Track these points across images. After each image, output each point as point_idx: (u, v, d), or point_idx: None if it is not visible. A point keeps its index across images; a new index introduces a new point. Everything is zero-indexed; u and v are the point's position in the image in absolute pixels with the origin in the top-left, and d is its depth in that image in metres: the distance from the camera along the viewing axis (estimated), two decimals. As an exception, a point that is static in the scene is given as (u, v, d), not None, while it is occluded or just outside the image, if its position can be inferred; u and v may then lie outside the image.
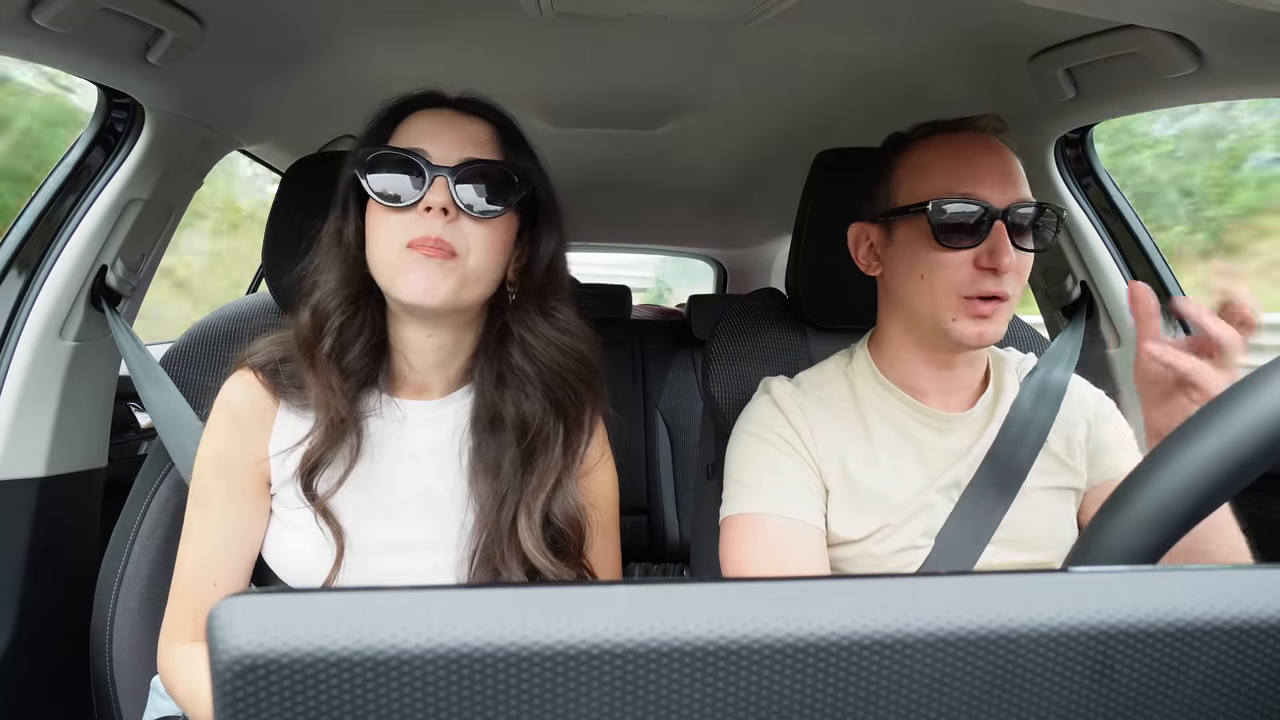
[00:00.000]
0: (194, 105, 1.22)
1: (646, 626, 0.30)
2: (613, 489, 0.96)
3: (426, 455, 0.87)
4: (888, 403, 0.96)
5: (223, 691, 0.28)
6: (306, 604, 0.29)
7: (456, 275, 0.79)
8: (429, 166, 0.79)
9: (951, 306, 0.88)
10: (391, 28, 1.24)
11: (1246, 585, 0.34)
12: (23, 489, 1.13)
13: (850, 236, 1.00)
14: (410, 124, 0.84)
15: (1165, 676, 0.33)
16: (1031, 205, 0.89)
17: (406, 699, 0.29)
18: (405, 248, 0.78)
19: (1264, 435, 0.42)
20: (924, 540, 0.91)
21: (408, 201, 0.78)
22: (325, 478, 0.84)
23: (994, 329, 0.88)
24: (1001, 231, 0.86)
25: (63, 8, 0.88)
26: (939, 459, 0.94)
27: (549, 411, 0.88)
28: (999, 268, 0.86)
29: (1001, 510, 0.91)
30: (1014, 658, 0.32)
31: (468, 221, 0.80)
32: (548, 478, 0.86)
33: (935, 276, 0.89)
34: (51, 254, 1.15)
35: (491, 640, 0.29)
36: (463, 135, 0.82)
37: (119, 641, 1.06)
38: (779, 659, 0.31)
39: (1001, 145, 0.93)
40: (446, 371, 0.88)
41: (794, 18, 1.07)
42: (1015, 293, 0.89)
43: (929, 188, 0.90)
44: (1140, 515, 0.43)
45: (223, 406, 0.87)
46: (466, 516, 0.86)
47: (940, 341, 0.92)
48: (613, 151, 1.99)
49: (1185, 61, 0.95)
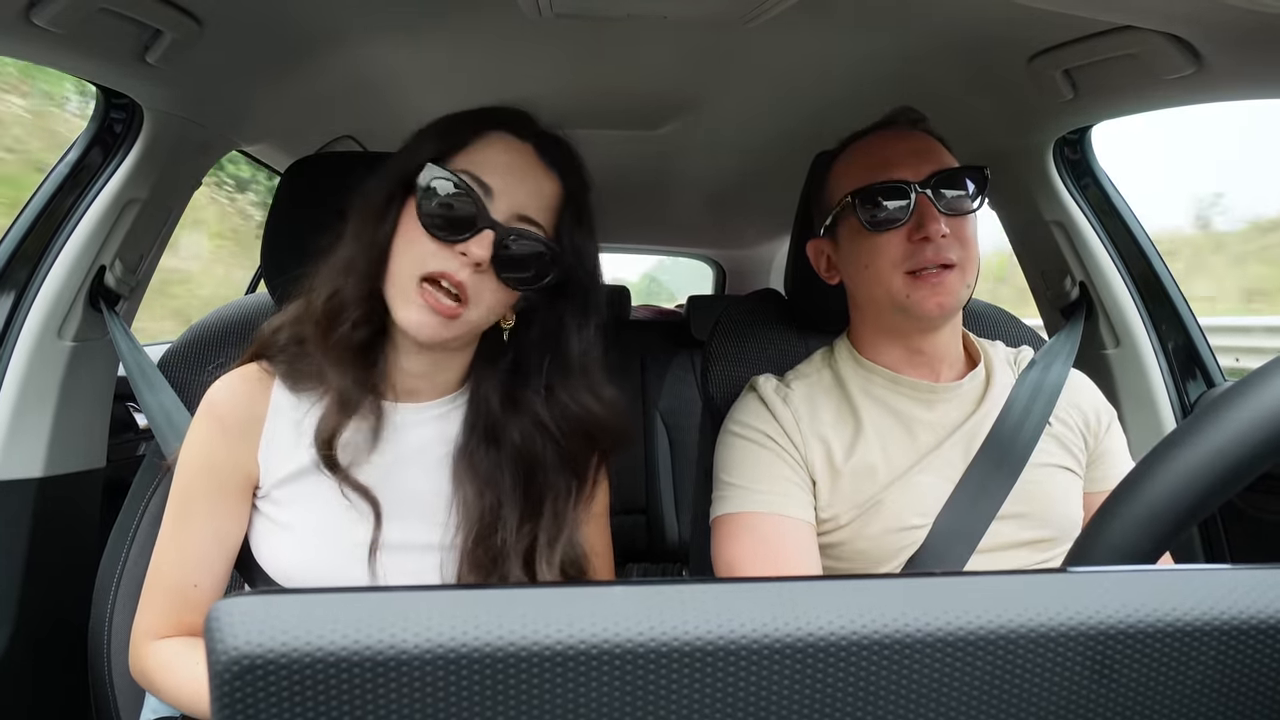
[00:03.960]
0: (192, 105, 1.22)
1: (645, 626, 0.30)
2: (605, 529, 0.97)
3: (414, 457, 0.87)
4: (870, 381, 0.99)
5: (221, 692, 0.28)
6: (305, 604, 0.29)
7: (458, 326, 0.79)
8: (484, 216, 0.78)
9: (900, 285, 0.91)
10: (391, 29, 1.24)
11: (1246, 585, 0.34)
12: (21, 489, 1.13)
13: (809, 255, 1.06)
14: (487, 147, 0.82)
15: (1164, 676, 0.33)
16: (950, 169, 0.93)
17: (405, 699, 0.29)
18: (421, 278, 0.78)
19: (1263, 435, 0.42)
20: (918, 520, 0.92)
21: (450, 238, 0.78)
22: (344, 451, 0.83)
23: (950, 299, 0.91)
24: (925, 202, 0.91)
25: (61, 8, 0.88)
26: (927, 433, 0.95)
27: (563, 469, 0.88)
28: (929, 235, 0.89)
29: (1004, 493, 0.92)
30: (1013, 657, 0.32)
31: (492, 277, 0.79)
32: (562, 532, 0.86)
33: (876, 261, 0.93)
34: (50, 254, 1.15)
35: (490, 640, 0.29)
36: (532, 189, 0.81)
37: (117, 642, 1.06)
38: (778, 659, 0.31)
39: (917, 131, 0.98)
40: (434, 379, 0.88)
41: (793, 19, 1.07)
42: (963, 259, 0.92)
43: (852, 184, 0.95)
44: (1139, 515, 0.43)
45: (208, 411, 0.86)
46: (451, 518, 0.86)
47: (905, 323, 0.95)
48: (612, 152, 1.99)
49: (1184, 63, 0.95)
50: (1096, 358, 1.40)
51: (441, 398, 0.89)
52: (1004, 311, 1.29)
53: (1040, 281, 1.47)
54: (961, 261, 0.91)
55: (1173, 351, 1.40)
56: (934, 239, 0.89)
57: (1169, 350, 1.40)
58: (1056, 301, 1.44)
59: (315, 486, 0.84)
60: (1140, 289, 1.39)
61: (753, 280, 3.32)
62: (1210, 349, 1.42)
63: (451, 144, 0.82)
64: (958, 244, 0.91)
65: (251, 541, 0.87)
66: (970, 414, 0.96)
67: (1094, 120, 1.28)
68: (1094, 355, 1.40)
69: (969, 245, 0.93)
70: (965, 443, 0.95)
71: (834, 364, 1.03)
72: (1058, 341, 1.12)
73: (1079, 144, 1.39)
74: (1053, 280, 1.44)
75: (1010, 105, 1.28)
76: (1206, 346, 1.41)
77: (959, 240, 0.91)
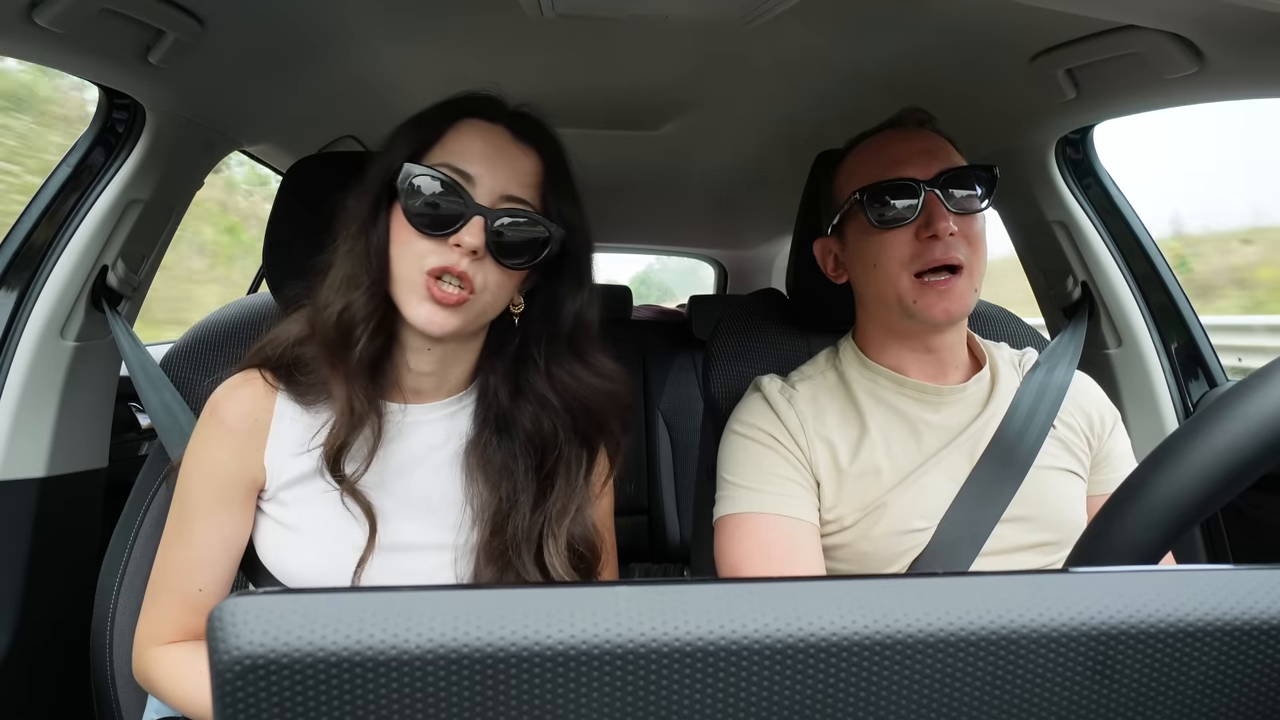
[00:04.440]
0: (195, 106, 1.22)
1: (647, 627, 0.30)
2: (610, 512, 0.97)
3: (425, 457, 0.87)
4: (876, 383, 0.98)
5: (224, 692, 0.28)
6: (307, 604, 0.29)
7: (469, 312, 0.80)
8: (470, 204, 0.78)
9: (908, 288, 0.91)
10: (392, 29, 1.24)
11: (1247, 586, 0.34)
12: (23, 489, 1.13)
13: (816, 254, 1.06)
14: (461, 135, 0.83)
15: (1166, 677, 0.33)
16: (958, 167, 0.92)
17: (407, 699, 0.29)
18: (426, 274, 0.78)
19: (1265, 435, 0.42)
20: (921, 523, 0.91)
21: (440, 232, 0.78)
22: (350, 461, 0.83)
23: (958, 305, 0.90)
24: (934, 200, 0.90)
25: (64, 8, 0.88)
26: (933, 436, 0.95)
27: (573, 439, 0.88)
28: (938, 233, 0.89)
29: (1008, 496, 0.92)
30: (1014, 658, 0.32)
31: (492, 262, 0.80)
32: (572, 504, 0.87)
33: (884, 259, 0.93)
34: (53, 254, 1.15)
35: (492, 640, 0.30)
36: (512, 168, 0.82)
37: (119, 641, 1.06)
38: (780, 659, 0.31)
39: (925, 131, 0.98)
40: (444, 377, 0.88)
41: (794, 19, 1.07)
42: (971, 261, 0.91)
43: (860, 183, 0.94)
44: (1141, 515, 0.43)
45: (213, 415, 0.86)
46: (464, 516, 0.87)
47: (912, 326, 0.94)
48: (613, 153, 1.99)
49: (1186, 62, 0.95)
50: (1098, 357, 1.40)
51: (450, 397, 0.90)
52: (1007, 312, 1.29)
53: (1042, 281, 1.47)
54: (969, 263, 0.91)
55: (1175, 351, 1.40)
56: (942, 237, 0.89)
57: (1171, 350, 1.40)
58: (1058, 301, 1.43)
59: (322, 489, 0.84)
60: (1142, 289, 1.39)
61: (754, 280, 3.32)
62: (1213, 348, 1.42)
63: (426, 139, 0.83)
64: (965, 243, 0.91)
65: (257, 543, 0.87)
66: (975, 416, 0.96)
67: (1096, 120, 1.27)
68: (1096, 355, 1.40)
69: (977, 245, 0.93)
70: (970, 445, 0.94)
71: (839, 365, 1.02)
72: (1061, 343, 1.12)
73: (1081, 143, 1.38)
74: (1055, 280, 1.44)
75: (1012, 105, 1.28)
76: (1209, 346, 1.41)
77: (967, 239, 0.91)
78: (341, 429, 0.82)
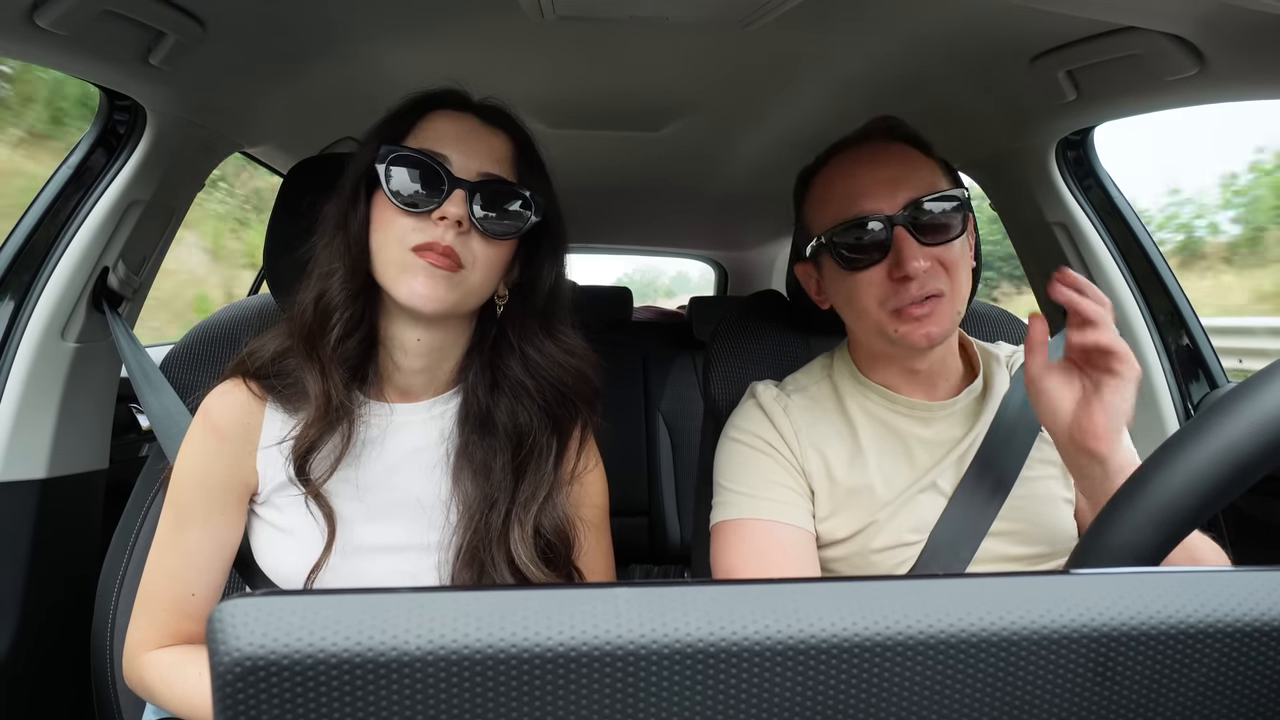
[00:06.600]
0: (195, 107, 1.22)
1: (646, 628, 0.30)
2: (603, 492, 0.97)
3: (412, 457, 0.87)
4: (868, 399, 0.97)
5: (224, 693, 0.28)
6: (307, 606, 0.29)
7: (460, 288, 0.80)
8: (450, 177, 0.79)
9: (886, 320, 0.88)
10: (393, 30, 1.24)
11: (1248, 587, 0.34)
12: (24, 491, 1.13)
13: (799, 278, 1.04)
14: (432, 123, 0.84)
15: (1166, 678, 0.33)
16: (929, 196, 0.87)
17: (407, 700, 0.29)
18: (411, 250, 0.78)
19: (1267, 437, 0.42)
20: (913, 536, 0.91)
21: (424, 208, 0.79)
22: (318, 464, 0.84)
23: (938, 328, 0.87)
24: (903, 237, 0.85)
25: (65, 10, 0.88)
26: (925, 452, 0.94)
27: (545, 425, 0.89)
28: (909, 274, 0.84)
29: (995, 507, 0.91)
30: (1015, 659, 0.32)
31: (477, 237, 0.80)
32: (540, 490, 0.87)
33: (858, 299, 0.90)
34: (53, 255, 1.16)
35: (492, 642, 0.29)
36: (484, 147, 0.83)
37: (120, 642, 1.06)
38: (779, 661, 0.31)
39: (889, 147, 0.92)
40: (433, 374, 0.89)
41: (793, 21, 1.07)
42: (950, 288, 0.87)
43: (827, 219, 0.91)
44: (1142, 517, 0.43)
45: (205, 421, 0.86)
46: (450, 517, 0.87)
47: (896, 351, 0.92)
48: (613, 154, 1.99)
49: (1187, 63, 0.95)
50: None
51: (437, 396, 0.90)
52: (1007, 312, 1.29)
53: (1043, 282, 1.47)
54: (949, 290, 0.87)
55: (1175, 353, 1.40)
56: (916, 276, 0.85)
57: (1172, 352, 1.40)
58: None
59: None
60: (1143, 290, 1.39)
61: (755, 282, 3.32)
62: (1213, 350, 1.42)
63: (398, 132, 0.84)
64: (943, 273, 0.87)
65: (253, 545, 0.87)
66: (969, 429, 0.95)
67: (1096, 121, 1.27)
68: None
69: (955, 270, 0.88)
70: (961, 458, 0.94)
71: (833, 376, 1.01)
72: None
73: (1081, 145, 1.38)
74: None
75: (1012, 106, 1.28)
76: (1209, 347, 1.41)
77: (944, 268, 0.87)
78: (312, 428, 0.82)
